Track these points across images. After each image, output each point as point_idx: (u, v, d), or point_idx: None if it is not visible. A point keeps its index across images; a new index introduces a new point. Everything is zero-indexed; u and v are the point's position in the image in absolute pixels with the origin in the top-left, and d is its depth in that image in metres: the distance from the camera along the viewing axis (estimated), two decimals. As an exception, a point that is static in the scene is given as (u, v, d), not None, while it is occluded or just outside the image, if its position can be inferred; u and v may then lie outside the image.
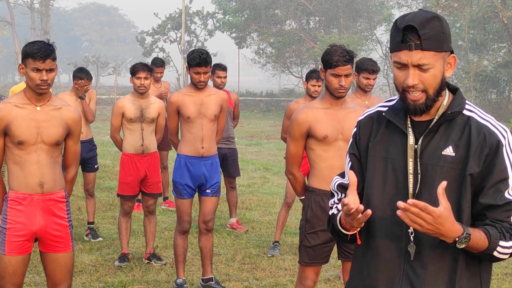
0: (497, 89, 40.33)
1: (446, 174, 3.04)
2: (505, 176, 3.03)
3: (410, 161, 3.11)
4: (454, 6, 40.60)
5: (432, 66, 3.03)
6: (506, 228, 3.01)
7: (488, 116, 3.13)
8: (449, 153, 3.06)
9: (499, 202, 3.02)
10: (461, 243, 2.93)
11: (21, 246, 5.49)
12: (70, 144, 5.71)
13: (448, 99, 3.16)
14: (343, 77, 5.89)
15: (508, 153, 3.04)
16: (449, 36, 3.06)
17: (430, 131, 3.11)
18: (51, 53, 5.37)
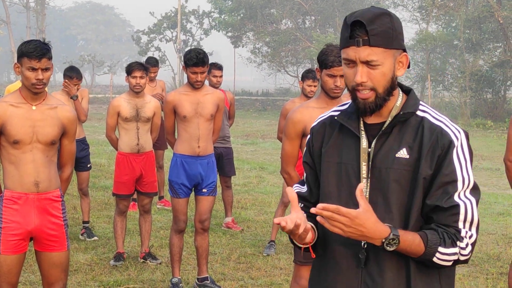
0: (492, 89, 40.30)
1: (400, 177, 2.95)
2: (454, 178, 2.92)
3: (364, 165, 3.01)
4: (450, 5, 40.63)
5: (381, 63, 2.93)
6: (449, 234, 2.89)
7: (442, 117, 3.02)
8: (403, 155, 2.96)
9: (445, 204, 2.90)
10: (390, 245, 2.83)
11: (16, 245, 5.49)
12: (66, 143, 5.71)
13: (402, 100, 3.06)
14: (339, 78, 5.89)
15: (459, 155, 2.94)
16: (400, 33, 2.98)
17: (383, 133, 3.01)
18: (46, 52, 5.37)
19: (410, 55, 35.99)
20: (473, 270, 8.69)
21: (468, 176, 2.94)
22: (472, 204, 2.92)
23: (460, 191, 2.92)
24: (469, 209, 2.91)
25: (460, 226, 2.90)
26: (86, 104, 10.44)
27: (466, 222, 2.91)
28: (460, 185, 2.92)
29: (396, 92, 3.03)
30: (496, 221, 11.63)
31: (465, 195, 2.93)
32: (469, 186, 2.94)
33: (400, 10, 46.85)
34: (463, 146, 2.95)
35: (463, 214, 2.90)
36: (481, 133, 31.91)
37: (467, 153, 2.96)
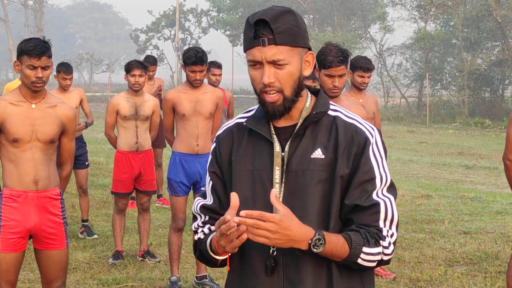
0: (490, 88, 40.34)
1: (317, 178, 2.82)
2: (372, 175, 2.82)
3: (277, 170, 2.85)
4: (448, 4, 40.64)
5: (288, 62, 2.80)
6: (372, 233, 2.79)
7: (354, 115, 2.93)
8: (318, 156, 2.83)
9: (365, 203, 2.80)
10: (317, 247, 2.69)
11: (15, 243, 5.49)
12: (65, 141, 5.71)
13: (311, 101, 2.93)
14: (337, 78, 5.91)
15: (375, 152, 2.85)
16: (305, 31, 2.85)
17: (296, 135, 2.87)
18: (46, 50, 5.37)
19: (408, 54, 35.92)
20: (471, 269, 8.70)
21: (385, 173, 2.85)
22: (391, 202, 2.84)
23: (379, 189, 2.83)
24: (389, 207, 2.82)
25: (381, 225, 2.81)
26: (87, 105, 10.53)
27: (387, 221, 2.82)
28: (378, 183, 2.83)
29: (304, 93, 2.92)
30: (494, 220, 11.65)
31: (383, 193, 2.84)
32: (386, 183, 2.85)
33: (399, 9, 46.88)
34: (378, 143, 2.87)
35: (383, 212, 2.81)
36: (479, 132, 31.93)
37: (382, 150, 2.88)
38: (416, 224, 11.19)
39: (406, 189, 14.65)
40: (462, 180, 16.89)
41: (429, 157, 21.30)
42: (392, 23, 47.20)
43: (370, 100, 8.27)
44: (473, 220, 11.61)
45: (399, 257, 9.12)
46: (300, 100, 2.89)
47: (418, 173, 18.14)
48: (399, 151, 22.83)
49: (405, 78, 45.10)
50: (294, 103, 2.86)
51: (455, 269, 8.71)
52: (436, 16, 43.44)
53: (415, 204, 12.95)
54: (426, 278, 8.26)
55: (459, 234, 10.59)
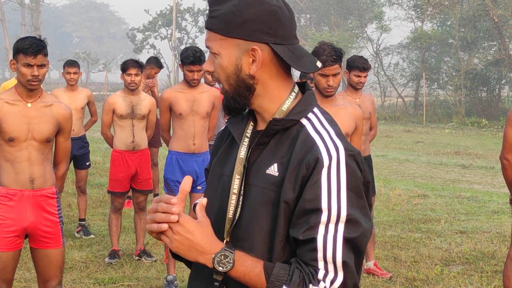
0: (487, 87, 40.37)
1: (265, 198, 2.41)
2: (317, 205, 2.30)
3: (237, 178, 2.47)
4: (445, 4, 40.66)
5: (217, 53, 2.45)
6: (303, 273, 2.30)
7: (326, 129, 2.43)
8: (273, 172, 2.41)
9: (301, 236, 2.30)
10: (222, 265, 2.31)
11: (11, 242, 5.49)
12: (61, 140, 5.71)
13: (292, 104, 2.48)
14: (331, 77, 5.91)
15: (330, 178, 2.32)
16: (252, 21, 2.39)
17: (259, 143, 2.46)
18: (42, 48, 5.37)
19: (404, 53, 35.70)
20: (467, 268, 8.70)
21: (338, 206, 2.30)
22: (336, 240, 2.29)
23: (325, 224, 2.30)
24: (329, 246, 2.29)
25: (319, 266, 2.30)
26: (93, 106, 10.63)
27: (328, 262, 2.29)
28: (325, 216, 2.29)
29: (275, 93, 2.48)
30: (490, 219, 11.65)
31: (331, 231, 2.30)
32: (339, 219, 2.30)
33: (396, 9, 46.89)
34: (340, 168, 2.33)
35: (321, 251, 2.29)
36: (475, 131, 31.95)
37: (344, 178, 2.33)
38: (412, 224, 11.20)
39: (403, 188, 14.66)
40: (458, 179, 16.91)
41: (425, 157, 21.32)
42: (389, 23, 47.29)
43: (366, 100, 8.27)
44: (469, 220, 11.62)
45: (395, 257, 9.13)
46: (267, 99, 2.48)
47: (415, 172, 18.15)
48: (395, 151, 22.84)
49: (401, 77, 45.13)
50: (239, 103, 2.49)
51: (451, 268, 8.72)
52: (433, 16, 43.48)
53: (411, 204, 12.96)
54: (423, 277, 8.26)
55: (456, 233, 10.60)
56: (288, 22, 2.45)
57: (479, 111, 38.57)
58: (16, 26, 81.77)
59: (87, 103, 10.43)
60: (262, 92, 2.47)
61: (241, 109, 2.52)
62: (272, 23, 2.41)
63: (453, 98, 40.40)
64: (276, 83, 2.48)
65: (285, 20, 2.44)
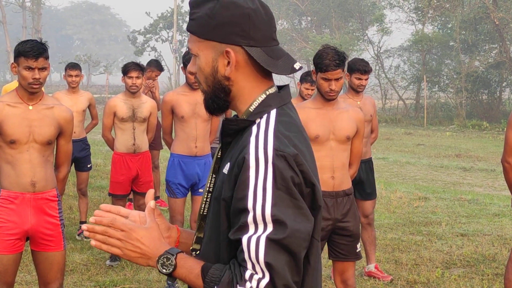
0: (488, 90, 40.35)
1: (217, 197, 2.47)
2: (244, 205, 2.32)
3: (213, 177, 2.58)
4: (446, 6, 40.66)
5: (196, 54, 2.52)
6: (232, 273, 2.33)
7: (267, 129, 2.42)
8: (226, 170, 2.46)
9: (231, 235, 2.36)
10: (165, 267, 2.39)
11: (12, 245, 5.49)
12: (62, 143, 5.71)
13: (258, 104, 2.51)
14: (333, 81, 5.90)
15: (258, 178, 2.33)
16: (226, 24, 2.44)
17: (224, 142, 2.55)
18: (43, 51, 5.37)
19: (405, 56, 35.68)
20: (468, 271, 8.70)
21: (262, 206, 2.30)
22: (259, 241, 2.29)
23: (252, 223, 2.31)
24: (252, 246, 2.29)
25: (248, 266, 2.31)
26: (94, 108, 10.64)
27: (254, 263, 2.30)
28: (250, 216, 2.31)
29: (247, 94, 2.52)
30: (491, 222, 11.65)
31: (256, 229, 2.31)
32: (264, 219, 2.30)
33: (396, 11, 46.83)
34: (267, 168, 2.33)
35: (246, 251, 2.30)
36: (476, 134, 31.94)
37: (271, 178, 2.32)
38: (413, 226, 11.19)
39: (404, 191, 14.66)
40: (459, 182, 16.90)
41: (426, 159, 21.31)
42: (390, 25, 47.26)
43: (367, 102, 8.28)
44: (470, 222, 11.62)
45: (396, 259, 9.13)
46: (240, 100, 2.53)
47: (416, 175, 18.14)
48: (396, 153, 22.83)
49: (402, 80, 45.09)
50: (217, 103, 2.53)
51: (452, 271, 8.71)
52: (434, 18, 43.48)
53: (412, 206, 12.96)
54: (423, 280, 8.26)
55: (456, 236, 10.59)
56: (263, 25, 2.49)
57: (480, 113, 38.54)
58: (17, 29, 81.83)
59: (88, 105, 10.45)
60: (237, 93, 2.52)
61: (221, 110, 2.56)
62: (246, 25, 2.46)
63: (454, 101, 40.38)
64: (251, 85, 2.52)
65: (260, 23, 2.48)
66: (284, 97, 2.57)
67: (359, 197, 8.25)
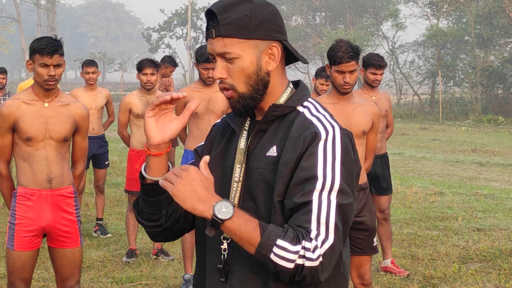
0: (503, 85, 40.23)
1: (266, 178, 2.55)
2: (314, 173, 2.44)
3: (238, 167, 2.62)
4: (461, 1, 40.53)
5: (238, 56, 2.55)
6: (295, 230, 2.40)
7: (321, 112, 2.61)
8: (272, 153, 2.55)
9: (297, 199, 2.43)
10: (222, 213, 2.38)
11: (30, 242, 5.51)
12: (78, 140, 5.73)
13: (288, 96, 2.65)
14: (348, 74, 5.89)
15: (326, 150, 2.47)
16: (267, 22, 2.56)
17: (258, 131, 2.62)
18: (58, 48, 5.38)
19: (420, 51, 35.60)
20: (485, 266, 8.67)
21: (332, 175, 2.45)
22: (330, 205, 2.42)
23: (319, 190, 2.43)
24: (323, 209, 2.41)
25: (311, 227, 2.40)
26: (111, 106, 10.69)
27: (320, 224, 2.40)
28: (319, 183, 2.43)
29: (278, 88, 2.64)
30: (508, 217, 11.61)
31: (325, 196, 2.44)
32: (332, 187, 2.44)
33: (411, 6, 46.71)
34: (335, 142, 2.49)
35: (315, 213, 2.41)
36: (492, 128, 31.83)
37: (339, 151, 2.48)
38: (429, 221, 11.17)
39: (419, 186, 14.63)
40: (475, 177, 16.85)
41: (442, 154, 21.25)
42: (404, 20, 47.17)
43: (382, 98, 8.26)
44: (486, 217, 11.58)
45: (412, 255, 9.11)
46: (270, 95, 2.62)
47: (431, 170, 18.10)
48: (412, 149, 22.79)
49: (417, 75, 45.02)
50: (256, 100, 2.61)
51: (469, 266, 8.69)
52: (449, 13, 43.36)
53: (428, 202, 12.93)
54: (440, 275, 8.24)
55: (473, 231, 10.57)
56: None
57: (496, 108, 38.41)
58: (32, 27, 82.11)
59: (105, 102, 10.49)
60: (271, 87, 2.64)
61: (254, 106, 2.64)
62: (280, 21, 2.63)
63: (469, 96, 40.28)
64: (280, 78, 2.67)
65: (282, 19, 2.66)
66: (307, 88, 2.73)
67: (375, 192, 8.24)
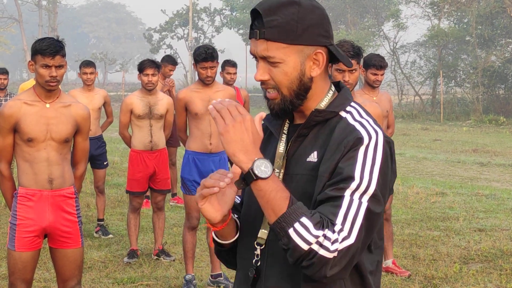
0: (505, 85, 40.24)
1: (306, 184, 2.49)
2: (350, 174, 2.38)
3: (276, 172, 2.54)
4: (462, 1, 40.54)
5: (281, 61, 2.47)
6: (322, 216, 2.35)
7: (365, 118, 2.52)
8: (313, 159, 2.49)
9: (329, 192, 2.38)
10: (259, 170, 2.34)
11: (31, 242, 5.51)
12: (79, 140, 5.73)
13: (330, 100, 2.57)
14: (347, 73, 5.90)
15: (367, 154, 2.41)
16: (313, 27, 2.47)
17: (299, 135, 2.55)
18: (60, 49, 5.39)
19: (421, 51, 35.65)
20: (486, 266, 8.67)
21: (369, 179, 2.39)
22: (360, 207, 2.37)
23: (353, 190, 2.38)
24: (353, 208, 2.36)
25: (337, 221, 2.35)
26: (109, 106, 10.66)
27: (346, 221, 2.35)
28: (355, 184, 2.38)
29: (319, 92, 2.57)
30: (509, 217, 11.61)
31: (357, 196, 2.38)
32: (367, 191, 2.38)
33: (412, 6, 46.73)
34: (377, 148, 2.43)
35: (344, 209, 2.36)
36: (493, 129, 31.83)
37: (379, 158, 2.43)
38: (430, 222, 11.17)
39: (421, 186, 14.63)
40: (476, 177, 16.85)
41: (443, 155, 21.25)
42: (406, 21, 47.15)
43: (384, 98, 8.27)
44: (488, 218, 11.58)
45: (414, 255, 9.11)
46: (311, 99, 2.55)
47: (433, 170, 18.10)
48: (413, 149, 22.78)
49: (419, 75, 45.02)
50: (296, 104, 2.54)
51: (470, 266, 8.69)
52: (450, 13, 43.36)
53: (429, 202, 12.93)
54: (441, 275, 8.24)
55: (474, 231, 10.56)
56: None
57: (497, 108, 38.40)
58: (33, 27, 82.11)
59: (103, 103, 10.47)
60: (313, 92, 2.56)
61: (294, 110, 2.58)
62: (327, 25, 2.53)
63: (470, 96, 40.27)
64: (323, 83, 2.58)
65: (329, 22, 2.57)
66: (349, 91, 2.66)
67: (376, 193, 8.23)
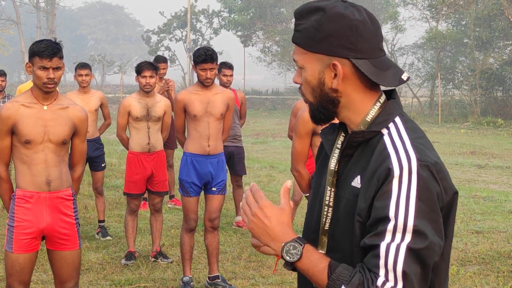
0: (502, 87, 40.25)
1: (352, 209, 2.40)
2: (385, 213, 2.27)
3: (328, 190, 2.50)
4: (460, 3, 40.56)
5: (303, 67, 2.45)
6: (363, 276, 2.27)
7: (402, 138, 2.39)
8: (356, 184, 2.40)
9: (367, 241, 2.30)
10: (289, 255, 2.34)
11: (28, 244, 5.52)
12: (77, 143, 5.74)
13: (376, 113, 2.46)
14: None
15: (401, 188, 2.28)
16: (334, 37, 2.39)
17: (345, 155, 2.48)
18: (58, 51, 5.40)
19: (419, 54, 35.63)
20: (483, 268, 8.68)
21: (405, 215, 2.26)
22: (399, 249, 2.25)
23: (391, 232, 2.27)
24: (391, 254, 2.25)
25: (380, 273, 2.26)
26: (106, 108, 10.64)
27: (388, 270, 2.25)
28: (391, 224, 2.26)
29: (359, 104, 2.47)
30: (507, 219, 11.62)
31: (396, 238, 2.27)
32: (405, 229, 2.26)
33: (410, 9, 46.77)
34: (411, 179, 2.29)
35: (382, 258, 2.26)
36: (491, 131, 31.84)
37: (414, 188, 2.28)
38: (428, 224, 11.16)
39: (418, 188, 14.60)
40: (474, 179, 16.86)
41: (441, 157, 21.13)
42: (404, 23, 47.22)
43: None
44: (485, 220, 11.59)
45: (411, 257, 9.11)
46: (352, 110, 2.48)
47: (430, 172, 18.07)
48: (411, 151, 22.76)
49: (417, 77, 45.04)
50: (326, 115, 2.50)
51: (467, 268, 8.70)
52: (448, 16, 43.39)
53: (427, 204, 12.91)
54: (439, 277, 8.23)
55: (472, 233, 10.57)
56: (371, 36, 2.42)
57: (495, 110, 38.42)
58: (31, 29, 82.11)
59: (100, 105, 10.45)
60: (347, 104, 2.46)
61: (328, 120, 2.52)
62: (353, 37, 2.39)
63: (468, 98, 40.29)
64: (361, 96, 2.46)
65: (368, 34, 2.41)
66: (399, 103, 2.52)
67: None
